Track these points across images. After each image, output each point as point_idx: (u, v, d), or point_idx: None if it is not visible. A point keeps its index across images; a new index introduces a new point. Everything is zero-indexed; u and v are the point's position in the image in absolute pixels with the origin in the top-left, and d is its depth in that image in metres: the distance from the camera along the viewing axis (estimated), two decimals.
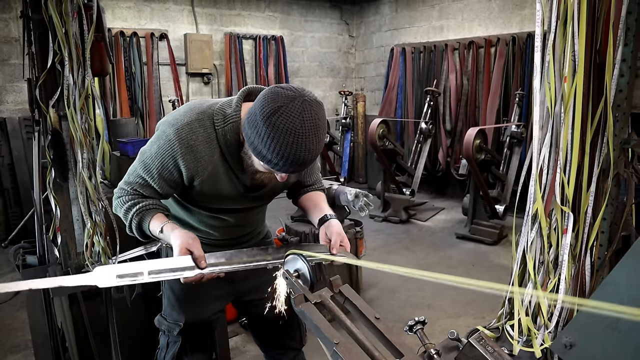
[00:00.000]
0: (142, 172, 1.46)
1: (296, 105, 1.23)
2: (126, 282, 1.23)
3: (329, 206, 1.73)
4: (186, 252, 1.33)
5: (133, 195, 1.49)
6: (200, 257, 1.33)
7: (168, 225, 1.41)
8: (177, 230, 1.39)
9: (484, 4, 6.32)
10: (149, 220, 1.44)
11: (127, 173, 1.53)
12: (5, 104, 5.39)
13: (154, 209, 1.47)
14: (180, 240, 1.34)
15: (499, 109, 6.05)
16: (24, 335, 3.22)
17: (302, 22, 7.76)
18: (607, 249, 2.11)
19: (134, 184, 1.49)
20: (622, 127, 2.02)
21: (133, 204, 1.47)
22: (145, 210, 1.46)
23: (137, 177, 1.48)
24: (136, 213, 1.45)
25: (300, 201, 1.79)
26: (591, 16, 1.97)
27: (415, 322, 1.45)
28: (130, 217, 1.47)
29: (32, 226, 3.85)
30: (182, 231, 1.38)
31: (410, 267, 1.25)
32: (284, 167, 1.29)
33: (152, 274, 1.25)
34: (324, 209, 1.68)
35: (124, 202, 1.49)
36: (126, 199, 1.49)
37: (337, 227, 1.61)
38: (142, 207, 1.46)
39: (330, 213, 1.66)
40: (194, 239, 1.35)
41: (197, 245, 1.34)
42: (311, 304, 1.25)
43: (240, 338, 3.15)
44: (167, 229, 1.40)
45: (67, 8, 2.07)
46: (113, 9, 6.02)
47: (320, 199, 1.76)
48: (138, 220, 1.46)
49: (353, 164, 8.27)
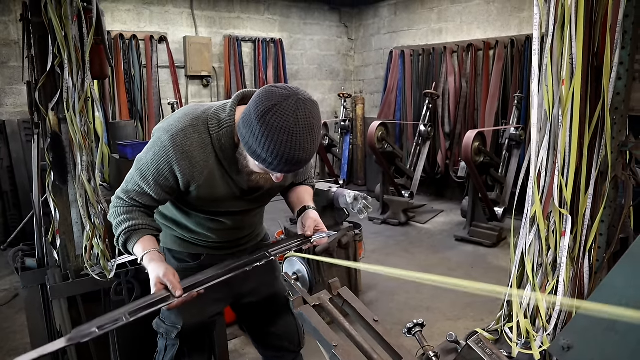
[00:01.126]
0: (139, 180, 1.47)
1: (290, 103, 1.23)
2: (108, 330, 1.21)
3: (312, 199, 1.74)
4: (161, 287, 1.32)
5: (129, 207, 1.49)
6: (175, 286, 1.31)
7: (147, 256, 1.41)
8: (153, 263, 1.38)
9: (483, 7, 6.34)
10: (134, 242, 1.45)
11: (125, 181, 1.53)
12: (4, 106, 5.39)
13: (143, 229, 1.47)
14: (154, 275, 1.34)
15: (497, 112, 6.06)
16: (22, 338, 3.21)
17: (301, 25, 7.77)
18: (605, 251, 2.11)
19: (131, 192, 1.49)
20: (620, 130, 2.03)
21: (124, 219, 1.47)
22: (133, 231, 1.46)
23: (134, 185, 1.48)
24: (124, 231, 1.46)
25: (287, 194, 1.80)
26: (588, 20, 1.98)
27: (414, 325, 1.46)
28: (118, 233, 1.48)
29: (30, 229, 3.85)
30: (157, 265, 1.37)
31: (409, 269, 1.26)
32: (279, 166, 1.28)
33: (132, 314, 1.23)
34: (304, 201, 1.70)
35: (117, 215, 1.49)
36: (121, 210, 1.49)
37: (313, 214, 1.63)
38: (131, 227, 1.46)
39: (309, 205, 1.68)
40: (166, 269, 1.35)
41: (169, 276, 1.32)
42: (310, 306, 1.25)
43: (239, 340, 3.15)
44: (146, 260, 1.40)
45: (66, 11, 2.08)
46: (112, 12, 6.03)
47: (305, 192, 1.77)
48: (125, 239, 1.47)
49: (352, 167, 8.28)
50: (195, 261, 1.74)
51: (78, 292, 2.36)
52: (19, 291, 3.87)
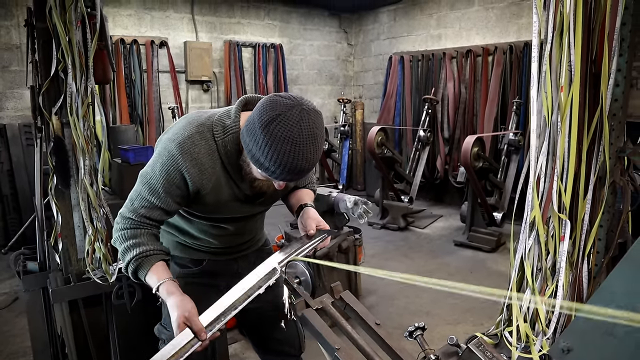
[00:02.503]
0: (147, 194, 1.42)
1: (294, 113, 1.23)
2: None
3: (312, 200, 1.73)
4: (184, 327, 1.26)
5: (136, 228, 1.43)
6: (199, 330, 1.24)
7: (164, 287, 1.35)
8: (174, 297, 1.32)
9: (482, 13, 6.38)
10: (146, 271, 1.40)
11: (129, 199, 1.47)
12: (5, 110, 5.40)
13: (153, 255, 1.41)
14: (177, 314, 1.27)
15: (496, 117, 6.09)
16: (23, 341, 3.21)
17: (301, 30, 7.81)
18: (604, 255, 2.13)
19: (139, 209, 1.43)
20: (618, 136, 2.05)
21: (132, 245, 1.41)
22: (144, 257, 1.40)
23: (142, 201, 1.43)
24: (135, 259, 1.40)
25: (288, 198, 1.79)
26: (587, 27, 2.00)
27: (415, 328, 1.47)
28: (127, 261, 1.42)
29: (31, 233, 3.86)
30: (178, 299, 1.32)
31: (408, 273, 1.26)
32: (282, 175, 1.29)
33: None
34: (302, 200, 1.69)
35: (124, 239, 1.43)
36: (127, 234, 1.43)
37: (312, 212, 1.62)
38: (141, 254, 1.40)
39: (306, 202, 1.66)
40: (190, 310, 1.28)
41: (194, 319, 1.26)
42: (312, 309, 1.26)
43: (239, 345, 3.15)
44: (163, 291, 1.35)
45: (71, 17, 2.10)
46: (114, 17, 6.06)
47: (305, 194, 1.76)
48: (135, 267, 1.41)
49: (351, 172, 8.29)
50: (197, 267, 1.74)
51: (79, 295, 2.36)
52: (20, 294, 3.87)
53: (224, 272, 1.75)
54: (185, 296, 1.33)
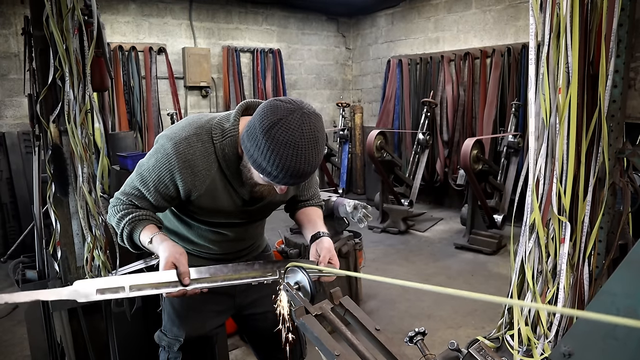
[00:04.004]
0: (139, 184, 1.47)
1: (295, 117, 1.24)
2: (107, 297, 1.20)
3: (323, 222, 1.73)
4: (172, 266, 1.32)
5: (127, 205, 1.49)
6: (185, 273, 1.31)
7: (158, 236, 1.41)
8: (166, 242, 1.38)
9: (479, 15, 6.39)
10: (140, 231, 1.45)
11: (125, 183, 1.53)
12: (4, 118, 5.40)
13: (146, 219, 1.47)
14: (168, 254, 1.33)
15: (495, 119, 6.09)
16: (22, 350, 3.19)
17: (299, 35, 7.82)
18: (604, 257, 2.12)
19: (129, 195, 1.49)
20: (617, 137, 2.04)
21: (126, 213, 1.47)
22: (137, 220, 1.46)
23: (133, 189, 1.49)
24: (128, 222, 1.45)
25: (297, 215, 1.79)
26: (583, 29, 2.01)
27: (416, 333, 1.46)
28: (122, 226, 1.47)
29: (30, 241, 3.86)
30: (171, 243, 1.38)
31: (409, 277, 1.26)
32: (284, 179, 1.30)
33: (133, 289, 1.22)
34: (317, 226, 1.68)
35: (117, 211, 1.49)
36: (120, 207, 1.49)
37: (327, 244, 1.61)
38: (135, 217, 1.46)
39: (323, 231, 1.66)
40: (181, 253, 1.34)
41: (183, 261, 1.32)
42: (312, 316, 1.25)
43: (240, 351, 3.13)
44: (157, 240, 1.40)
45: (68, 25, 2.10)
46: (112, 24, 6.08)
47: (316, 215, 1.76)
48: (130, 229, 1.46)
49: (351, 176, 8.29)
50: None
51: (79, 303, 2.35)
52: (19, 303, 3.85)
53: None
54: (178, 245, 1.39)
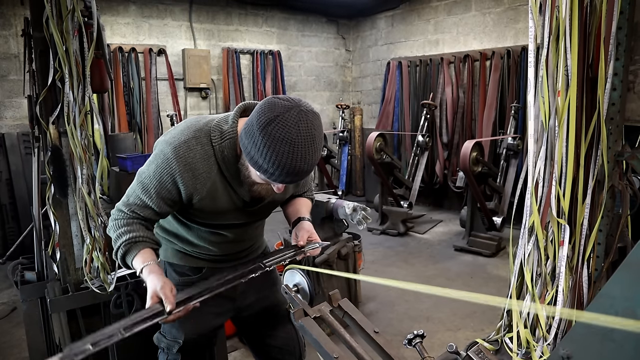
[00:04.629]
0: (140, 193, 1.46)
1: (292, 115, 1.24)
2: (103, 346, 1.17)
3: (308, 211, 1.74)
4: (157, 300, 1.30)
5: (129, 219, 1.47)
6: (168, 300, 1.28)
7: (147, 268, 1.39)
8: (152, 275, 1.36)
9: (479, 18, 6.40)
10: (134, 255, 1.43)
11: (126, 194, 1.52)
12: (3, 119, 5.40)
13: (142, 242, 1.45)
14: (152, 288, 1.32)
15: (495, 122, 6.10)
16: (20, 352, 3.19)
17: (299, 37, 7.83)
18: (603, 260, 2.12)
19: (132, 205, 1.48)
20: (616, 140, 2.05)
21: (125, 231, 1.45)
22: (132, 243, 1.44)
23: (135, 199, 1.48)
24: (125, 243, 1.44)
25: (285, 207, 1.80)
26: (583, 32, 2.01)
27: (414, 336, 1.46)
28: (118, 245, 1.45)
29: (29, 242, 3.85)
30: (155, 277, 1.35)
31: (408, 279, 1.26)
32: (280, 176, 1.30)
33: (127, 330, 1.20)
34: (300, 213, 1.69)
35: (117, 227, 1.47)
36: (120, 223, 1.47)
37: (307, 225, 1.63)
38: (132, 239, 1.44)
39: (303, 216, 1.67)
40: (163, 283, 1.32)
41: (165, 290, 1.30)
42: (310, 318, 1.26)
43: (239, 353, 3.13)
44: (145, 272, 1.38)
45: (67, 26, 2.10)
46: (112, 25, 6.08)
47: (302, 205, 1.76)
48: (124, 251, 1.44)
49: (351, 177, 8.29)
50: (196, 275, 1.74)
51: (78, 305, 2.35)
52: (18, 305, 3.85)
53: None
54: (165, 278, 1.37)
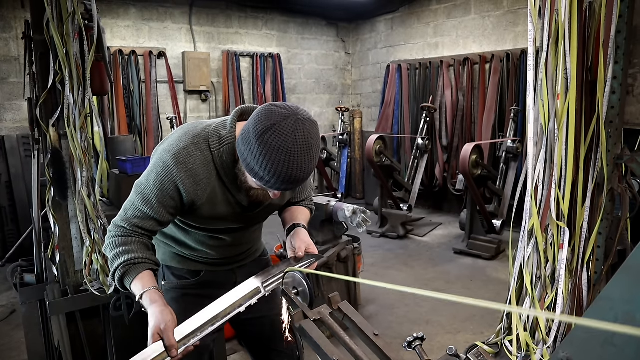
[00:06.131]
0: (141, 205, 1.41)
1: (289, 123, 1.23)
2: None
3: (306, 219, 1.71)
4: (158, 337, 1.24)
5: (128, 236, 1.42)
6: (171, 346, 1.23)
7: (147, 295, 1.33)
8: (155, 305, 1.30)
9: (478, 21, 6.42)
10: (132, 278, 1.37)
11: (124, 209, 1.46)
12: (3, 122, 5.41)
13: (141, 264, 1.39)
14: (154, 324, 1.26)
15: (494, 125, 6.11)
16: (19, 355, 3.18)
17: (298, 40, 7.85)
18: (603, 263, 2.12)
19: (131, 219, 1.42)
20: (615, 143, 2.05)
21: (121, 252, 1.39)
22: (132, 265, 1.38)
23: (135, 211, 1.42)
24: (122, 265, 1.38)
25: (282, 213, 1.78)
26: (582, 35, 2.02)
27: (414, 339, 1.45)
28: (115, 267, 1.39)
29: (29, 244, 3.84)
30: (159, 309, 1.29)
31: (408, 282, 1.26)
32: (276, 184, 1.29)
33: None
34: (296, 220, 1.67)
35: (114, 246, 1.41)
36: (118, 242, 1.41)
37: (302, 234, 1.60)
38: (129, 261, 1.38)
39: (298, 222, 1.64)
40: (167, 322, 1.26)
41: (169, 333, 1.24)
42: (310, 321, 1.25)
43: (238, 356, 3.13)
44: (146, 300, 1.32)
45: (68, 29, 2.11)
46: (112, 28, 6.09)
47: (299, 212, 1.74)
48: (122, 273, 1.38)
49: (350, 180, 8.30)
50: (194, 278, 1.73)
51: (77, 307, 2.35)
52: (17, 307, 3.84)
53: (221, 283, 1.74)
54: (167, 307, 1.31)
